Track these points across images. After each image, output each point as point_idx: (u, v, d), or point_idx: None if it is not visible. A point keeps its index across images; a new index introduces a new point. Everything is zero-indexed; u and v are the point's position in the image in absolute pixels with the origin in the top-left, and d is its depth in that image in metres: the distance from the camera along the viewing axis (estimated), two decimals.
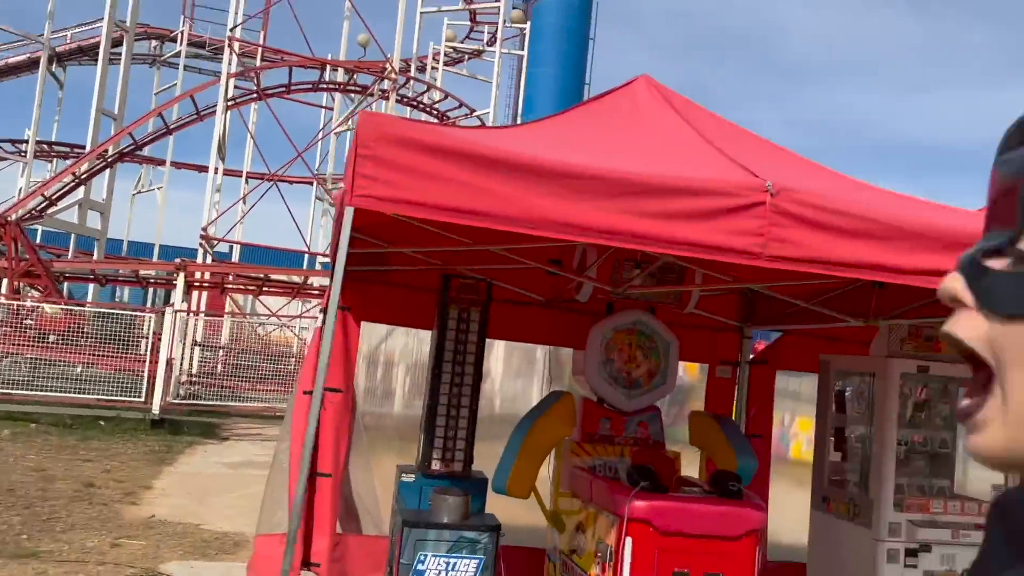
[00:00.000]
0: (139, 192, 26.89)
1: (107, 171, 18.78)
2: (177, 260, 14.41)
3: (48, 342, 12.36)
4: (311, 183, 25.95)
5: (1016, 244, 0.62)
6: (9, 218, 13.44)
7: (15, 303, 12.34)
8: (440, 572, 4.67)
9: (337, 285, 2.96)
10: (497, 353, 10.82)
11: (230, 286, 15.03)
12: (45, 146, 26.10)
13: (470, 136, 3.23)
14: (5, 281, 14.73)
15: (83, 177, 17.54)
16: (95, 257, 18.41)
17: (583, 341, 5.96)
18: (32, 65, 25.38)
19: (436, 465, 5.31)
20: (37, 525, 6.55)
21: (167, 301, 20.16)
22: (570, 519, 5.17)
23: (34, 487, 7.95)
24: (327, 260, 21.72)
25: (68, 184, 17.23)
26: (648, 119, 4.15)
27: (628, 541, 4.34)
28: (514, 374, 12.31)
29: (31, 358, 12.72)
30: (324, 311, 6.00)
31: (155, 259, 25.24)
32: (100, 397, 12.62)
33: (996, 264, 0.64)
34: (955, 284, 0.65)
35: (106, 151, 17.42)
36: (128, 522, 6.95)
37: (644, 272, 4.85)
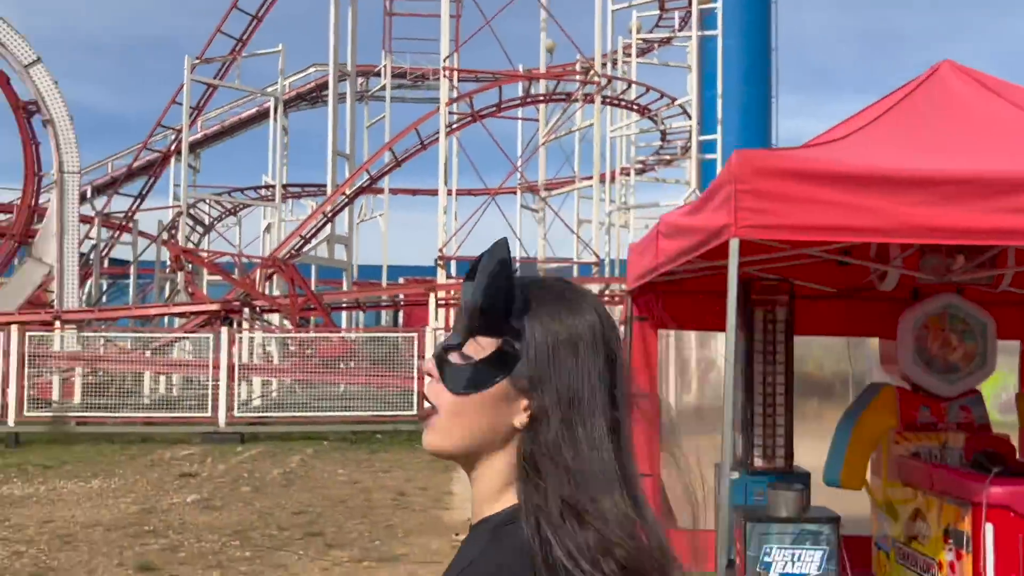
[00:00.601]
0: (363, 220, 29.16)
1: (348, 207, 20.70)
2: (430, 280, 15.61)
3: (328, 367, 13.84)
4: (514, 192, 27.04)
5: (462, 348, 1.00)
6: (282, 258, 15.24)
7: (301, 335, 13.94)
8: (786, 563, 4.89)
9: (732, 309, 3.26)
10: (719, 343, 10.87)
11: None
12: (282, 189, 28.95)
13: (828, 155, 3.44)
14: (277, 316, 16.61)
15: (331, 215, 19.45)
16: (344, 287, 20.31)
17: (885, 330, 5.95)
18: (261, 117, 28.26)
19: (758, 462, 5.52)
20: (381, 532, 7.45)
21: (396, 323, 21.75)
22: (904, 507, 5.21)
23: (359, 498, 9.00)
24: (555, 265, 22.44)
25: (319, 222, 19.20)
26: (972, 108, 4.15)
27: (989, 528, 4.35)
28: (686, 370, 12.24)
29: (312, 383, 14.31)
30: (625, 323, 6.42)
31: (384, 282, 27.27)
32: (376, 413, 13.95)
33: (453, 358, 1.01)
34: (429, 365, 1.03)
35: (348, 188, 19.27)
36: (450, 524, 7.72)
37: (972, 262, 4.80)
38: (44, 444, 12.83)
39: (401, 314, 24.51)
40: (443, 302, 15.48)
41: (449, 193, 19.78)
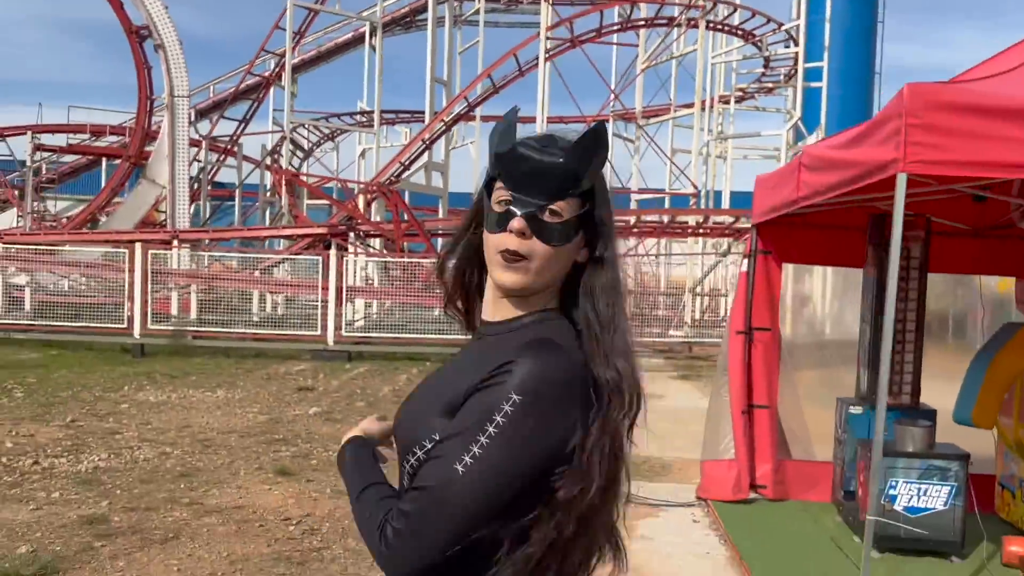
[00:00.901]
0: (454, 148, 29.29)
1: (445, 134, 20.83)
2: None
3: (430, 291, 14.22)
4: (608, 120, 26.58)
5: (549, 208, 1.24)
6: (389, 185, 15.56)
7: (406, 259, 14.33)
8: (911, 497, 4.94)
9: (897, 245, 3.25)
10: (815, 279, 10.64)
11: None
12: (373, 115, 29.23)
13: (1001, 90, 3.34)
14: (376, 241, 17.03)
15: (429, 142, 19.65)
16: (440, 214, 20.62)
17: (1022, 270, 5.80)
18: (356, 42, 28.37)
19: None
20: None
21: None
22: None
23: None
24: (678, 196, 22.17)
25: (418, 149, 19.44)
26: None
27: None
28: (839, 298, 11.98)
29: (413, 306, 14.75)
30: (749, 256, 6.41)
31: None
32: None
33: (545, 217, 1.24)
34: (522, 225, 1.23)
35: (448, 114, 19.36)
36: None
37: None
38: (166, 356, 13.70)
39: None
40: None
41: (548, 120, 19.65)
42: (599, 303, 1.29)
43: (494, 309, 1.32)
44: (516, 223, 1.24)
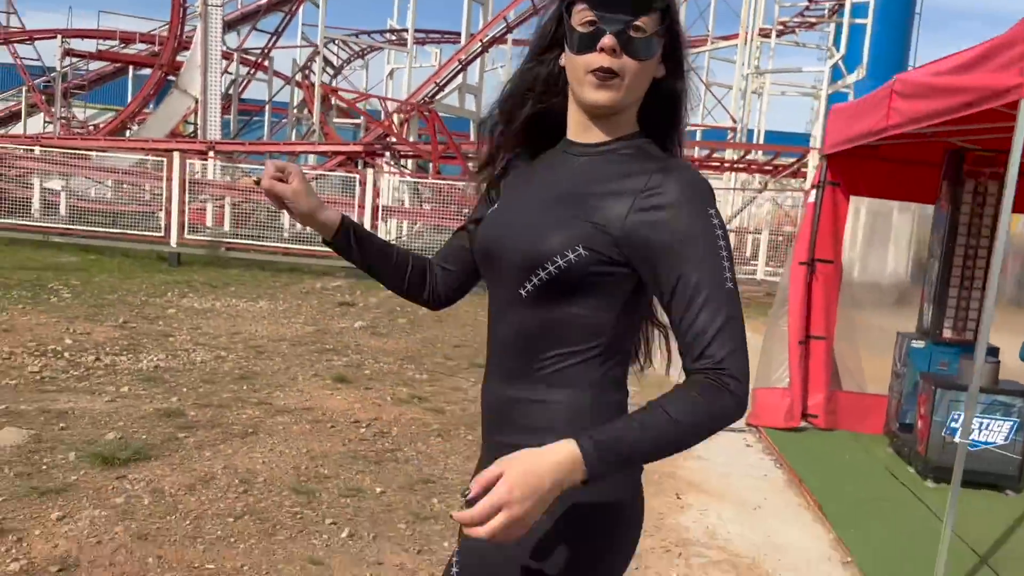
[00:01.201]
0: (489, 71, 28.82)
1: (482, 55, 20.47)
2: None
3: (464, 214, 14.23)
4: None
5: (634, 23, 1.28)
6: (425, 103, 15.38)
7: (443, 181, 14.27)
8: (973, 431, 5.02)
9: (1013, 175, 3.23)
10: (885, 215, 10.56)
11: None
12: (404, 34, 28.71)
13: None
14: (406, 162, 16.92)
15: (465, 63, 19.34)
16: (471, 138, 20.40)
17: None
18: None
19: (947, 333, 5.55)
20: None
21: None
22: None
23: None
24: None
25: (454, 70, 19.14)
26: None
27: None
28: (868, 241, 11.92)
29: (447, 228, 14.74)
30: (817, 187, 6.37)
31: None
32: None
33: (632, 32, 1.28)
34: (612, 42, 1.28)
35: (483, 36, 18.99)
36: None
37: None
38: (201, 265, 13.81)
39: None
40: None
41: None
42: (682, 110, 1.42)
43: (583, 131, 1.38)
44: (607, 40, 1.28)
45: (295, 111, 23.14)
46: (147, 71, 28.17)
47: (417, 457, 4.80)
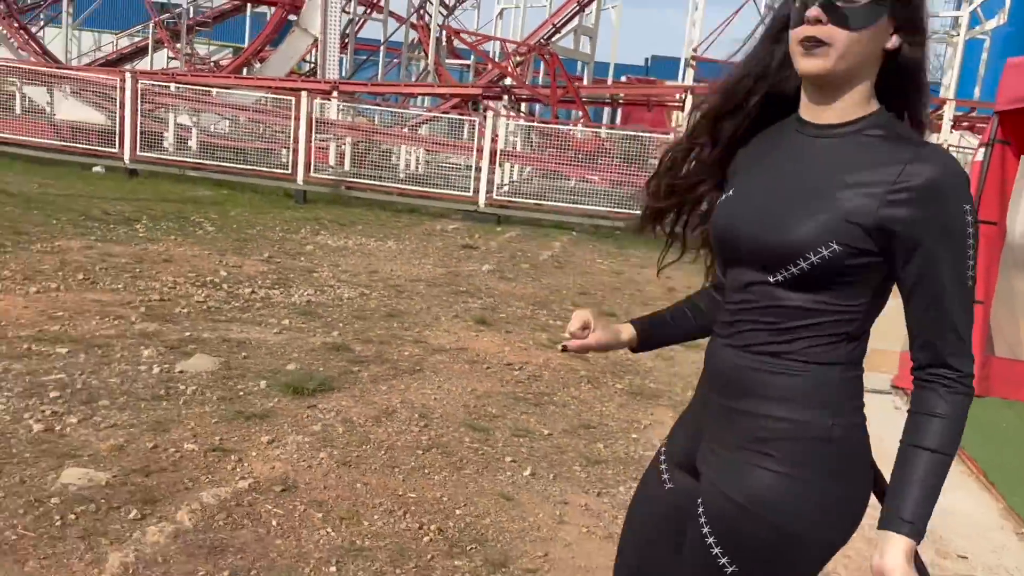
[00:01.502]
0: (604, 10, 28.26)
1: None
2: (684, 84, 15.22)
3: (581, 161, 14.18)
4: None
5: None
6: (542, 45, 15.31)
7: (559, 127, 14.23)
8: None
9: None
10: None
11: None
12: None
13: None
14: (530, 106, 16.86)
15: (584, 4, 19.04)
16: (584, 82, 20.19)
17: None
18: None
19: None
20: None
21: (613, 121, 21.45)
22: None
23: (630, 287, 9.53)
24: None
25: (572, 11, 18.89)
26: None
27: None
28: None
29: (558, 175, 14.75)
30: (986, 145, 6.09)
31: (611, 79, 26.72)
32: (619, 210, 14.29)
33: (840, 3, 1.31)
34: (818, 12, 1.32)
35: None
36: None
37: None
38: (325, 204, 14.27)
39: (619, 113, 24.27)
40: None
41: None
42: (923, 82, 1.41)
43: (818, 110, 1.40)
44: (812, 11, 1.32)
45: (408, 51, 23.32)
46: (264, 9, 28.82)
47: (573, 403, 4.96)
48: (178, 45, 26.00)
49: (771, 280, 1.38)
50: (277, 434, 3.85)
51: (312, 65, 22.42)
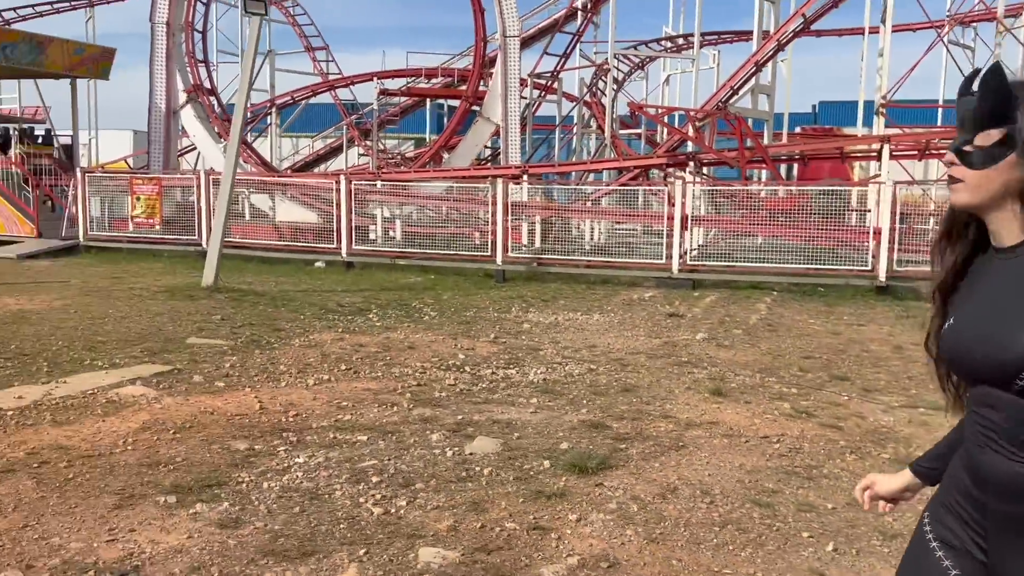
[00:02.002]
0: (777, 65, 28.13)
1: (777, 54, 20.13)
2: (880, 132, 14.86)
3: (775, 219, 14.05)
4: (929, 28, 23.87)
5: (973, 141, 1.60)
6: (721, 107, 15.49)
7: (752, 188, 14.25)
8: None
9: None
10: None
11: (933, 151, 15.02)
12: (680, 39, 28.80)
13: None
14: (695, 169, 16.97)
15: (761, 63, 19.12)
16: (765, 140, 20.09)
17: None
18: None
19: None
20: (906, 381, 7.68)
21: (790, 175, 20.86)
22: None
23: (854, 348, 9.29)
24: None
25: (749, 72, 19.00)
26: None
27: None
28: None
29: (750, 235, 14.66)
30: None
31: (785, 131, 26.28)
32: (820, 267, 13.98)
33: (968, 148, 1.61)
34: (951, 157, 1.64)
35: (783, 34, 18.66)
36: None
37: None
38: (524, 281, 14.95)
39: (796, 167, 23.74)
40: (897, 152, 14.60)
41: (894, 30, 18.13)
42: None
43: (996, 237, 1.64)
44: (947, 156, 1.66)
45: (580, 126, 24.16)
46: (442, 101, 30.88)
47: (843, 474, 4.97)
48: (368, 142, 28.27)
49: (1010, 391, 1.54)
50: (581, 512, 4.17)
51: (493, 150, 23.69)
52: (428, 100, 30.41)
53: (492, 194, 15.03)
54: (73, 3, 33.64)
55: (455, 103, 25.03)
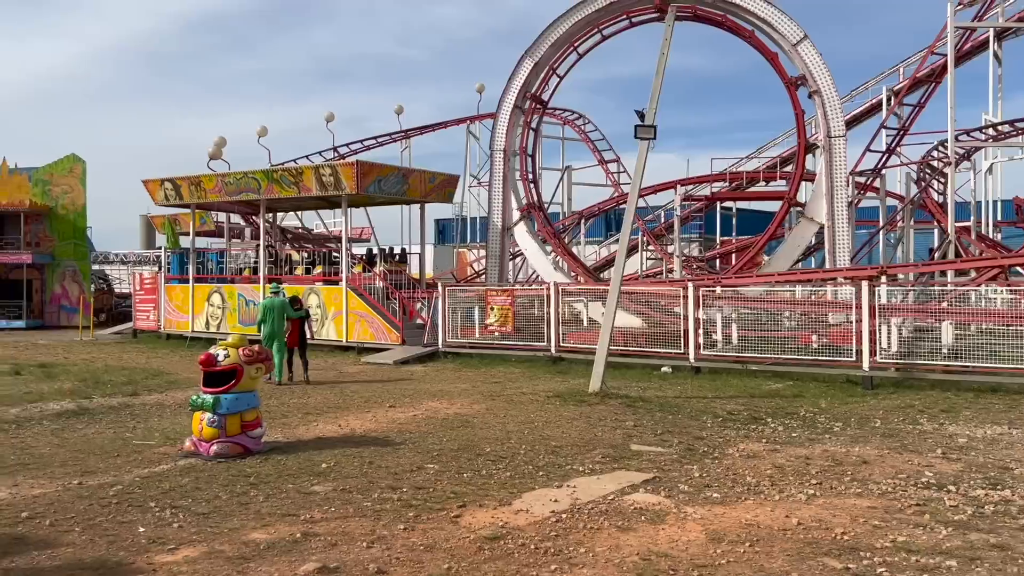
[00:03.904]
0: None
1: None
2: None
3: None
4: None
5: None
6: None
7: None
8: None
9: None
10: None
11: None
12: (1002, 128, 26.83)
13: None
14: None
15: None
16: None
17: None
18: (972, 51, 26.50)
19: None
20: None
21: None
22: None
23: None
24: None
25: None
26: None
27: None
28: None
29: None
30: None
31: None
32: None
33: None
34: None
35: None
36: None
37: None
38: (892, 386, 14.07)
39: None
40: None
41: None
42: None
43: None
44: None
45: (908, 220, 23.03)
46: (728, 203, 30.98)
47: None
48: (667, 246, 28.86)
49: None
50: None
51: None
52: (718, 203, 30.69)
53: (857, 296, 14.55)
54: (392, 135, 38.27)
55: (743, 205, 25.01)
